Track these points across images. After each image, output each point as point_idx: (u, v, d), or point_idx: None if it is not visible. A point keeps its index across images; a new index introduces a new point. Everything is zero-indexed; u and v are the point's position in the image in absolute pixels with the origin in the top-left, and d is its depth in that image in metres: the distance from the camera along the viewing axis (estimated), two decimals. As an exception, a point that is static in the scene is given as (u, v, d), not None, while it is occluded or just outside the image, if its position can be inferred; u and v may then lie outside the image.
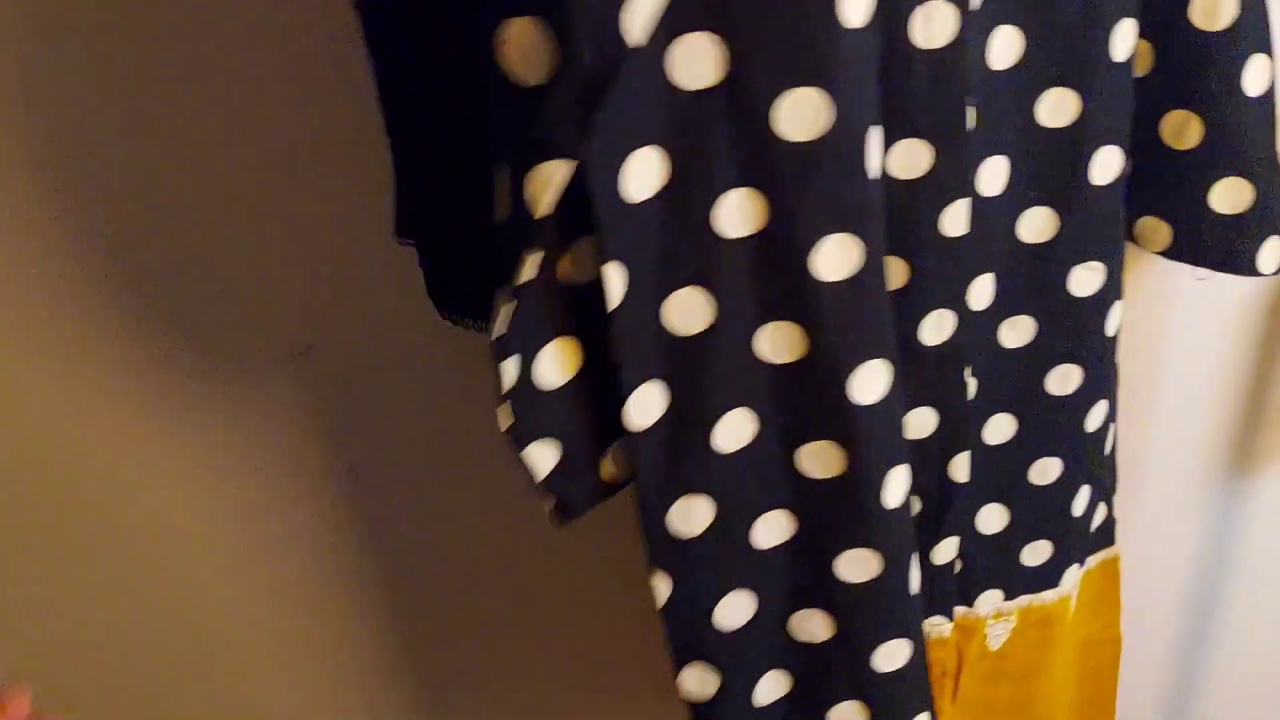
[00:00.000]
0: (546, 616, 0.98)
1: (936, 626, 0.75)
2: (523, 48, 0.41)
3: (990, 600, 0.78)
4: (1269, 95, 0.63)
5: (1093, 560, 0.83)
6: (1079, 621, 0.87)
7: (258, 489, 0.89)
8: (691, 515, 0.55)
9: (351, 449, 0.89)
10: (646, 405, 0.52)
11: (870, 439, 0.54)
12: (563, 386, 0.53)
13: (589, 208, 0.46)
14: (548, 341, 0.52)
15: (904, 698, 0.64)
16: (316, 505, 0.91)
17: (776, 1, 0.43)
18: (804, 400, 0.53)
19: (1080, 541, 0.80)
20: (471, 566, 0.96)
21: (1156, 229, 0.68)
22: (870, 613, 0.59)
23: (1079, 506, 0.77)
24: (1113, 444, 0.77)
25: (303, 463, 0.89)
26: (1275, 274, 0.68)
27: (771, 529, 0.57)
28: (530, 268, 0.47)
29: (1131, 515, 0.89)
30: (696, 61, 0.44)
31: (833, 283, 0.49)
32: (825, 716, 0.64)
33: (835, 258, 0.49)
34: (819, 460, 0.55)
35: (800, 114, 0.45)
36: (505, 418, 0.51)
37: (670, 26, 0.43)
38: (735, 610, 0.59)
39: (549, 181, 0.43)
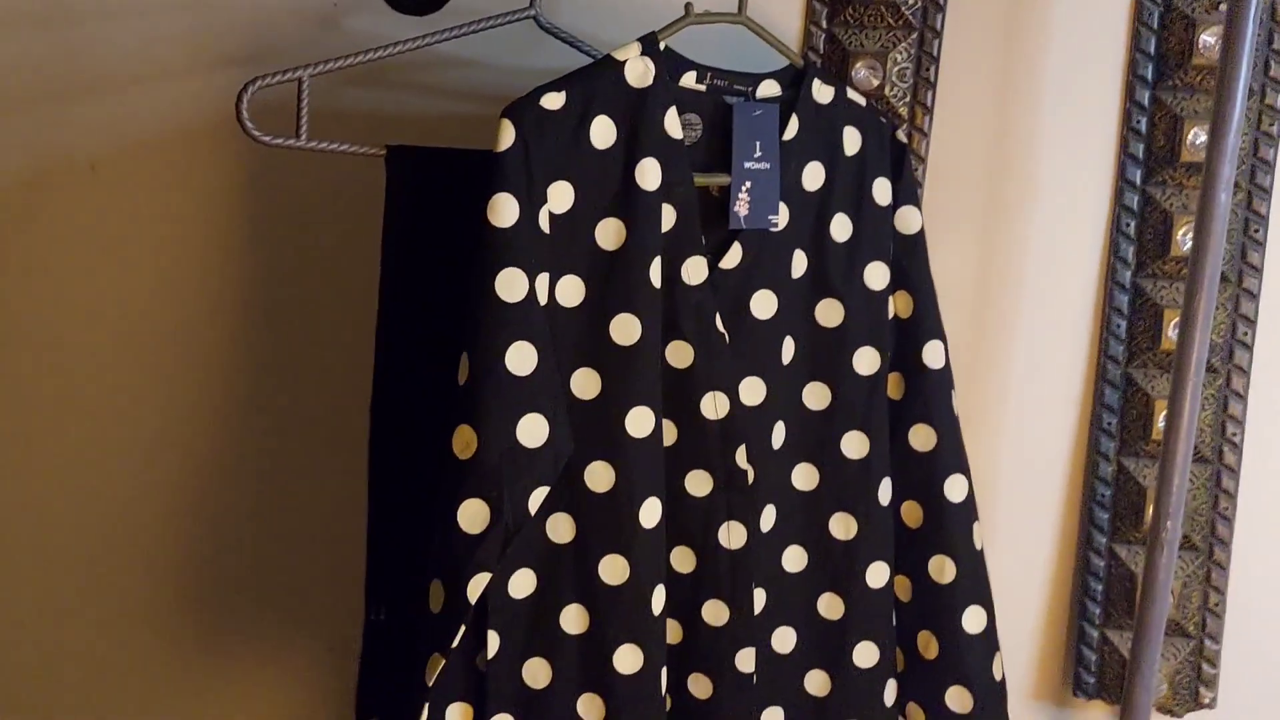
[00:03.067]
0: None
1: None
2: (472, 515, 0.78)
3: None
4: (985, 633, 0.93)
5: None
6: None
7: None
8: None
9: None
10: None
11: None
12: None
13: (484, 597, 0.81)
14: (452, 702, 0.85)
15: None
16: None
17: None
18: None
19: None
20: None
21: (916, 714, 0.96)
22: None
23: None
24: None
25: None
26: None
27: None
28: (457, 639, 0.80)
29: None
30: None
31: (637, 439, 0.80)
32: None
33: (640, 419, 0.80)
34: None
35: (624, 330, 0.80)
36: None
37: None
38: None
39: (479, 586, 0.78)
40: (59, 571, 1.26)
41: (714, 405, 0.86)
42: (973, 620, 0.93)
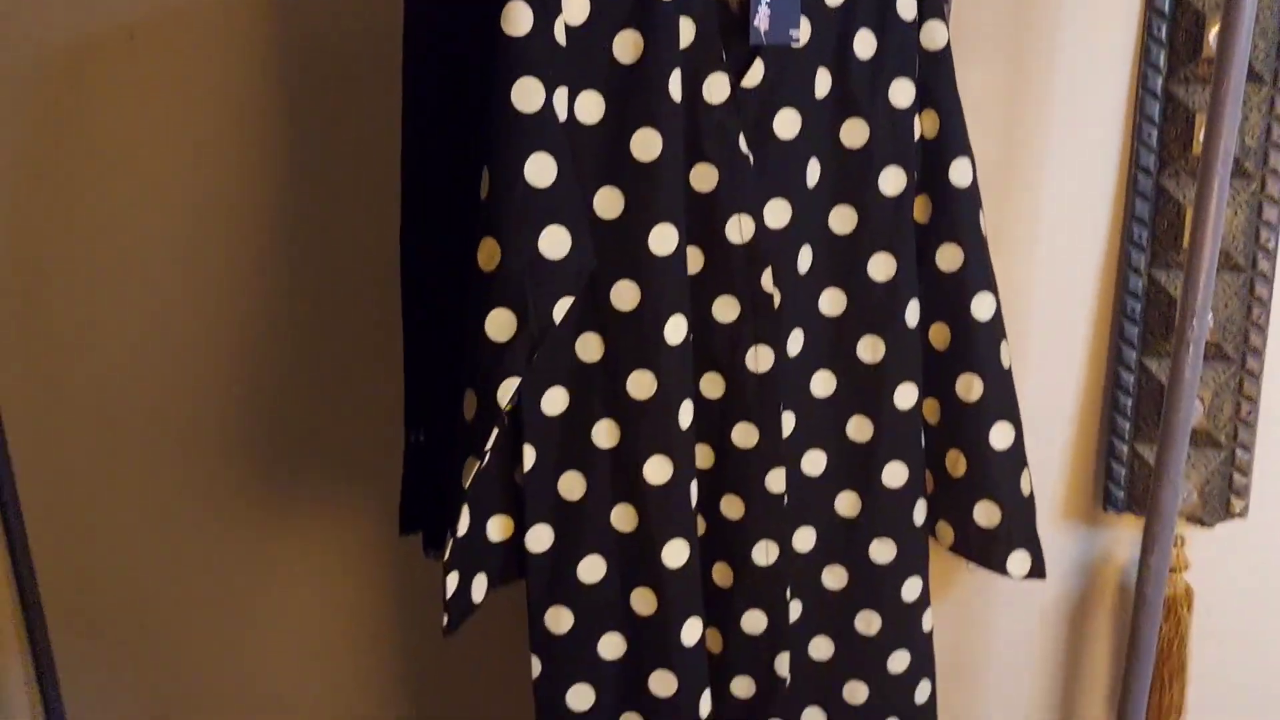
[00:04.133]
0: None
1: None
2: (499, 324, 0.80)
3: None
4: (1013, 448, 0.94)
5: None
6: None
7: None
8: (560, 619, 0.88)
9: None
10: (540, 540, 0.87)
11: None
12: (499, 542, 0.89)
13: (520, 414, 0.85)
14: (493, 514, 0.89)
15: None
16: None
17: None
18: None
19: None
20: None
21: (945, 531, 0.99)
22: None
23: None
24: (927, 698, 1.03)
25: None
26: (1022, 578, 0.96)
27: (609, 646, 0.89)
28: (490, 441, 0.84)
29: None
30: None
31: (660, 256, 0.82)
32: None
33: (662, 236, 0.82)
34: (641, 600, 0.88)
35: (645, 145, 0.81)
36: (449, 550, 0.86)
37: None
38: (579, 698, 0.90)
39: (508, 391, 0.81)
40: (117, 445, 1.34)
41: (739, 228, 0.87)
42: (1000, 436, 0.94)
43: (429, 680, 1.30)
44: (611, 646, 0.91)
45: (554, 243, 0.78)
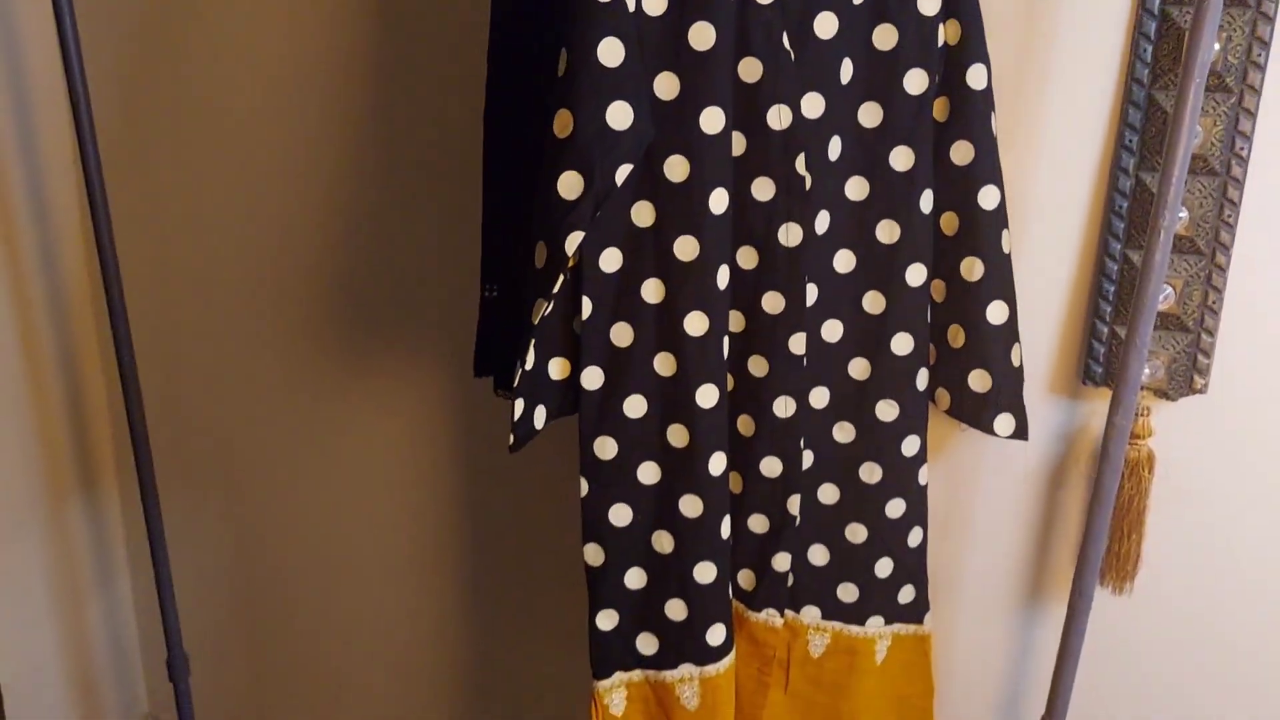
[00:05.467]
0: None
1: (771, 617, 1.16)
2: (569, 184, 0.94)
3: (811, 614, 1.18)
4: (1007, 324, 1.08)
5: (903, 628, 1.21)
6: (892, 677, 1.24)
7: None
8: (606, 448, 1.04)
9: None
10: (593, 379, 1.02)
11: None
12: (558, 380, 1.04)
13: (580, 271, 0.99)
14: (554, 356, 1.03)
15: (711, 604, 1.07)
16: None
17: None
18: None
19: (884, 601, 1.19)
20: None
21: (943, 396, 1.13)
22: (696, 538, 1.05)
23: (882, 571, 1.17)
24: (919, 543, 1.18)
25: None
26: (1007, 437, 1.10)
27: (647, 472, 1.05)
28: (556, 285, 0.98)
29: (954, 623, 1.27)
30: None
31: (709, 134, 0.95)
32: (663, 609, 1.08)
33: (712, 117, 0.95)
34: (676, 435, 1.03)
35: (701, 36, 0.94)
36: (518, 379, 1.01)
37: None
38: (619, 515, 1.05)
39: (575, 242, 0.95)
40: (218, 307, 1.51)
41: (779, 117, 1.00)
42: (996, 313, 1.08)
43: (486, 509, 1.47)
44: (649, 473, 1.06)
45: (619, 116, 0.91)
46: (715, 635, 1.10)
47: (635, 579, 1.09)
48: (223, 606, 1.69)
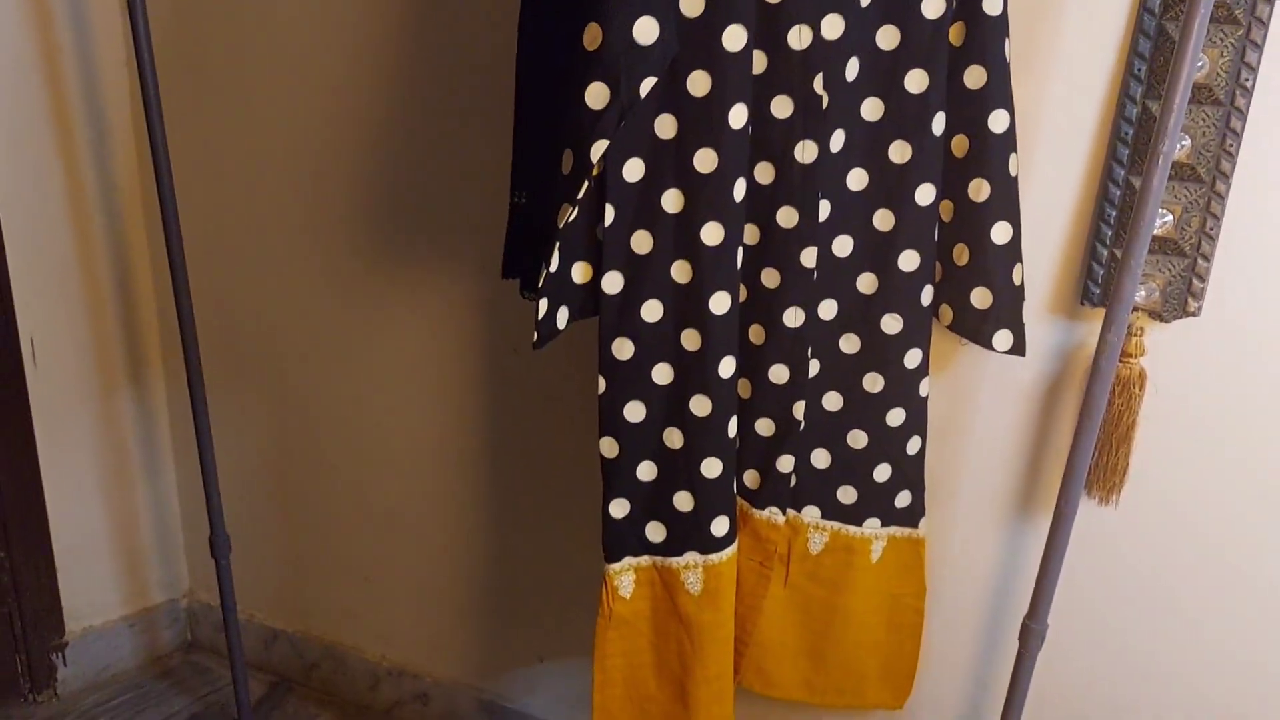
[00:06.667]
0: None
1: (774, 515, 1.24)
2: (596, 94, 0.99)
3: (811, 513, 1.26)
4: (1010, 244, 1.12)
5: (899, 530, 1.29)
6: (886, 576, 1.32)
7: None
8: (623, 348, 1.10)
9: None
10: (614, 284, 1.09)
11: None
12: (580, 283, 1.10)
13: (604, 180, 1.04)
14: (577, 260, 1.09)
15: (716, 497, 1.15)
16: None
17: None
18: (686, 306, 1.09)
19: (881, 504, 1.26)
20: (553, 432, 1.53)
21: (945, 311, 1.18)
22: (704, 435, 1.12)
23: (881, 476, 1.24)
24: (918, 450, 1.24)
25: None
26: (1004, 352, 1.15)
27: (661, 373, 1.12)
28: (581, 191, 1.04)
29: (947, 529, 1.34)
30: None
31: (731, 51, 0.99)
32: (671, 500, 1.16)
33: (734, 35, 0.99)
34: (689, 338, 1.10)
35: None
36: (543, 279, 1.07)
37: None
38: (633, 412, 1.13)
39: (599, 150, 1.01)
40: (265, 218, 1.58)
41: (799, 37, 1.04)
42: (1000, 233, 1.12)
43: (509, 405, 1.55)
44: (663, 373, 1.13)
45: (645, 30, 0.96)
46: (719, 526, 1.18)
47: (646, 471, 1.17)
48: (262, 491, 1.80)
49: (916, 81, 1.08)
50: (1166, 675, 1.28)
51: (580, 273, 1.10)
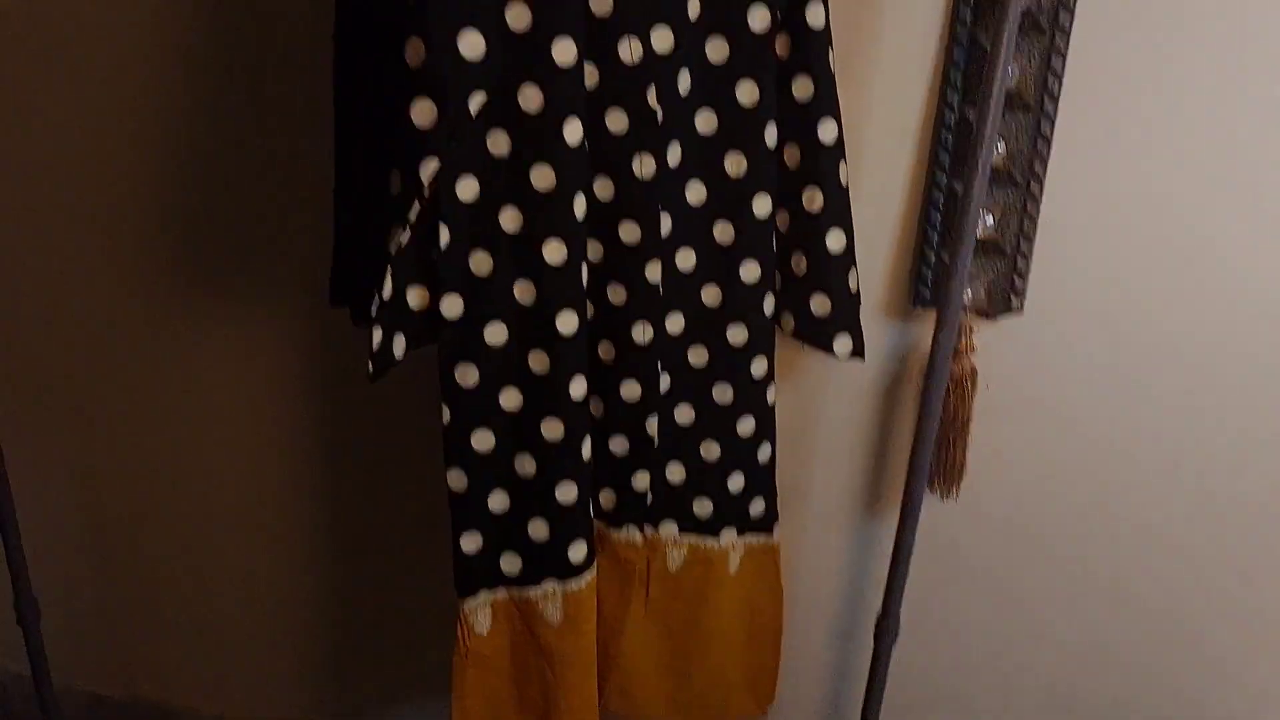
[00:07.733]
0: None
1: (631, 533, 1.22)
2: (422, 111, 0.95)
3: (668, 529, 1.25)
4: (845, 252, 1.15)
5: (754, 538, 1.29)
6: (745, 586, 1.32)
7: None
8: (467, 375, 1.07)
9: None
10: (453, 308, 1.05)
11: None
12: (417, 309, 1.06)
13: (438, 200, 1.00)
14: (412, 285, 1.05)
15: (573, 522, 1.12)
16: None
17: None
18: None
19: (736, 513, 1.26)
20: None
21: (787, 320, 1.20)
22: (557, 460, 1.09)
23: (734, 485, 1.24)
24: (768, 458, 1.25)
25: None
26: (846, 359, 1.18)
27: (509, 398, 1.08)
28: (413, 212, 1.00)
29: (800, 532, 1.36)
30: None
31: (560, 65, 0.97)
32: (526, 529, 1.12)
33: (563, 48, 0.97)
34: (537, 360, 1.07)
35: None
36: (375, 308, 1.02)
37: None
38: (482, 441, 1.09)
39: (430, 170, 0.97)
40: (75, 249, 1.45)
41: (629, 50, 1.02)
42: (835, 241, 1.14)
43: (349, 439, 1.48)
44: (511, 398, 1.09)
45: (471, 45, 0.93)
46: (577, 552, 1.15)
47: (498, 502, 1.13)
48: (72, 544, 1.66)
49: (747, 93, 1.09)
50: (1013, 664, 1.34)
51: (416, 298, 1.06)
